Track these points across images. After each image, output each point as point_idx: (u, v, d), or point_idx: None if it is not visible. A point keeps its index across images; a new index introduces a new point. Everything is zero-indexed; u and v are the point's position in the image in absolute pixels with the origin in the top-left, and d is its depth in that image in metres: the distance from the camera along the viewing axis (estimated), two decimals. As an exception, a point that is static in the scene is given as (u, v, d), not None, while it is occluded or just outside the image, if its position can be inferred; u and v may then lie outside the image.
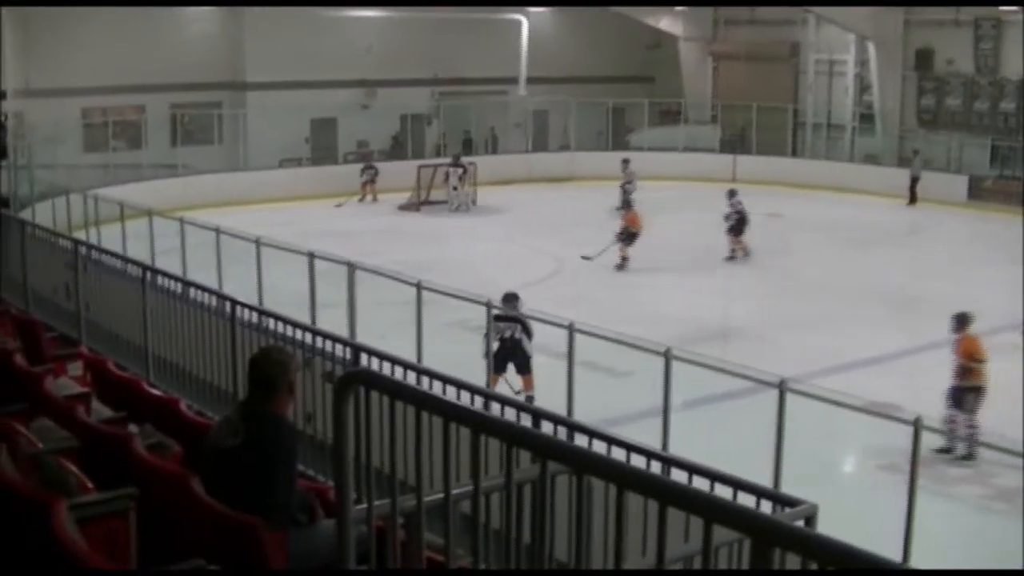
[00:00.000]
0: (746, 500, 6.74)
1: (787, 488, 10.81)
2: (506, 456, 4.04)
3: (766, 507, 6.71)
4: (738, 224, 31.86)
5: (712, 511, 3.28)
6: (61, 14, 37.84)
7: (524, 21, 48.98)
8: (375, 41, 45.28)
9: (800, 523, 5.98)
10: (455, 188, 39.14)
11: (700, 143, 48.57)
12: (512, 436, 3.97)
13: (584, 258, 29.90)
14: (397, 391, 4.47)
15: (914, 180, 41.94)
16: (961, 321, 18.10)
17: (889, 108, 46.77)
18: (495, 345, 17.68)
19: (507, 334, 18.18)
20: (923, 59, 46.62)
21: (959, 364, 17.75)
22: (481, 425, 4.03)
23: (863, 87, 48.28)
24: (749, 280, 29.19)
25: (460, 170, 39.39)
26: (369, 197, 40.34)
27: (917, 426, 11.54)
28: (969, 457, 16.88)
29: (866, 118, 47.98)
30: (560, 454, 3.83)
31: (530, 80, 49.24)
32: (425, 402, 4.33)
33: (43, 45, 38.83)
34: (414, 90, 46.74)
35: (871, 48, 46.70)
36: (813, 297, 27.31)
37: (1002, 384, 20.46)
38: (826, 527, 9.15)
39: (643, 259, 29.99)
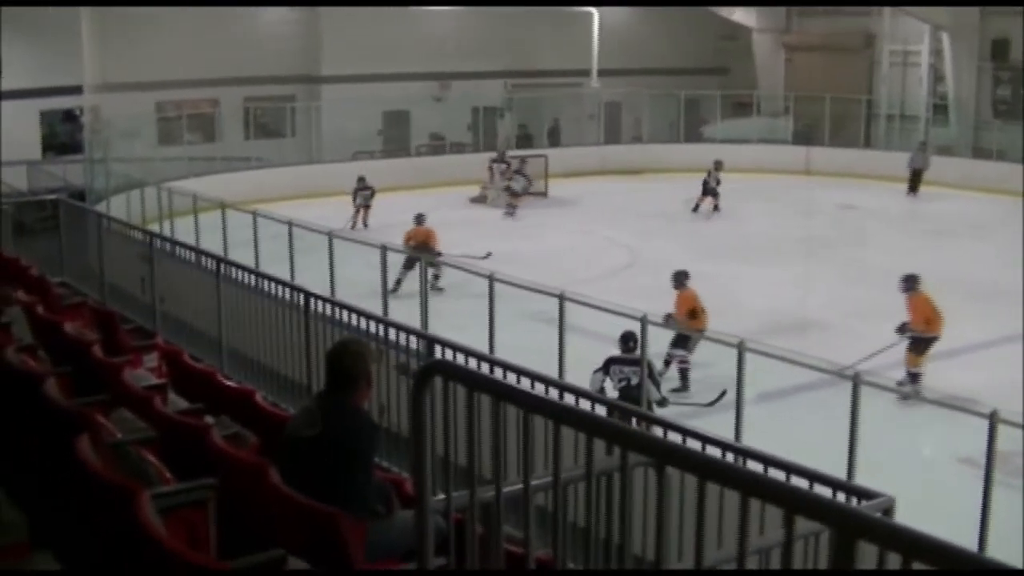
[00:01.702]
0: (822, 492, 6.69)
1: (862, 481, 10.76)
2: (586, 446, 4.05)
3: (842, 499, 6.67)
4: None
5: (794, 502, 3.26)
6: (136, 9, 38.13)
7: (595, 13, 48.85)
8: (449, 34, 45.38)
9: (879, 515, 5.93)
10: (498, 186, 38.67)
11: (773, 135, 48.31)
12: (592, 426, 3.97)
13: None
14: (476, 382, 4.47)
15: (916, 172, 41.46)
16: (909, 282, 20.85)
17: (964, 99, 46.36)
18: (613, 393, 16.36)
19: (632, 381, 16.31)
20: (999, 49, 46.18)
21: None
22: (560, 415, 4.03)
23: (937, 78, 47.86)
24: (826, 271, 28.99)
25: (504, 166, 39.02)
26: (360, 224, 35.47)
27: (993, 419, 11.45)
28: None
29: (940, 109, 47.59)
30: (640, 444, 3.83)
31: (602, 72, 49.08)
32: (503, 393, 4.32)
33: (119, 40, 39.16)
34: (487, 82, 46.77)
35: (946, 38, 46.30)
36: (890, 288, 27.09)
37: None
38: (902, 520, 9.10)
39: (719, 251, 29.89)
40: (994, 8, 45.44)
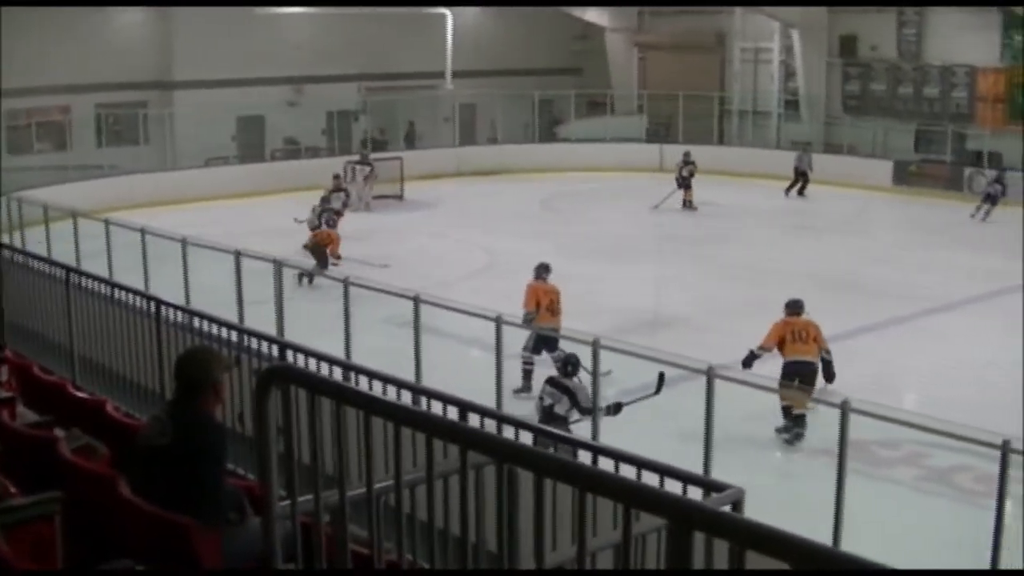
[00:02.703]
0: (674, 486, 6.76)
1: (722, 474, 10.88)
2: (426, 446, 4.06)
3: (694, 493, 6.74)
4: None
5: (629, 496, 3.31)
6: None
7: (448, 14, 48.90)
8: (303, 38, 45.11)
9: (727, 508, 6.01)
10: (361, 186, 38.53)
11: (627, 133, 48.61)
12: (432, 428, 3.99)
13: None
14: (317, 385, 4.47)
15: (801, 173, 41.98)
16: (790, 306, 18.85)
17: (814, 94, 47.15)
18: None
19: (548, 402, 15.45)
20: (847, 45, 47.05)
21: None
22: (402, 417, 4.04)
23: (788, 74, 48.58)
24: (683, 269, 29.31)
25: (367, 168, 38.92)
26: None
27: (844, 408, 11.66)
28: None
29: (792, 105, 48.33)
30: (480, 444, 3.85)
31: (457, 74, 49.15)
32: (345, 396, 4.33)
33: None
34: (342, 86, 46.57)
35: (796, 35, 47.01)
36: (748, 283, 27.44)
37: (935, 368, 20.81)
38: (758, 511, 9.23)
39: (578, 251, 30.07)
40: (842, 5, 46.23)
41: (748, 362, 17.96)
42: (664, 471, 6.98)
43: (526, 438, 8.11)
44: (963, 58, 43.93)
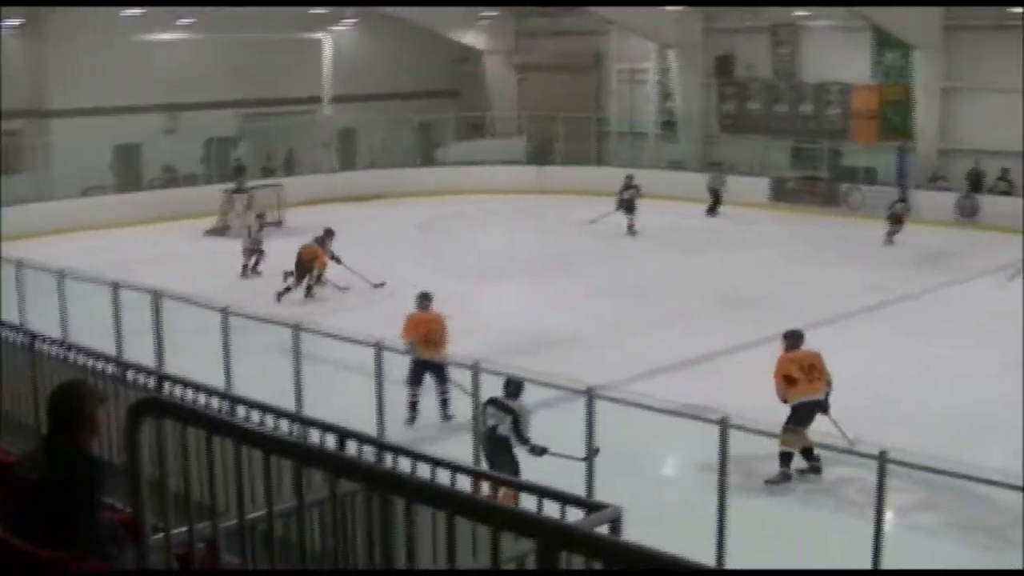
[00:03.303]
0: (552, 508, 6.80)
1: (605, 493, 10.95)
2: (295, 476, 4.06)
3: (574, 513, 6.77)
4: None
5: (497, 518, 3.33)
6: None
7: (327, 40, 48.82)
8: (181, 64, 44.66)
9: (605, 527, 6.05)
10: (239, 214, 38.31)
11: (507, 155, 48.73)
12: (302, 455, 3.99)
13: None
14: (187, 417, 4.45)
15: (714, 192, 42.34)
16: (790, 338, 18.08)
17: (691, 114, 47.59)
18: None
19: (491, 423, 15.17)
20: (723, 65, 47.60)
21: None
22: (272, 446, 4.04)
23: (665, 94, 48.98)
24: (567, 288, 29.38)
25: (246, 196, 38.65)
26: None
27: (723, 425, 11.79)
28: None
29: (669, 124, 48.73)
30: (350, 471, 3.86)
31: (336, 99, 49.08)
32: (215, 426, 4.32)
33: None
34: (220, 112, 46.18)
35: (672, 56, 47.44)
36: (632, 302, 27.61)
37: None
38: (643, 530, 9.30)
39: (462, 272, 30.10)
40: (717, 25, 46.83)
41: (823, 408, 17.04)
42: (543, 493, 7.00)
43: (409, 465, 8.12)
44: (837, 76, 44.66)
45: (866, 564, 11.36)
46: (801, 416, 16.70)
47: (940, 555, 14.09)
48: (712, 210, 41.83)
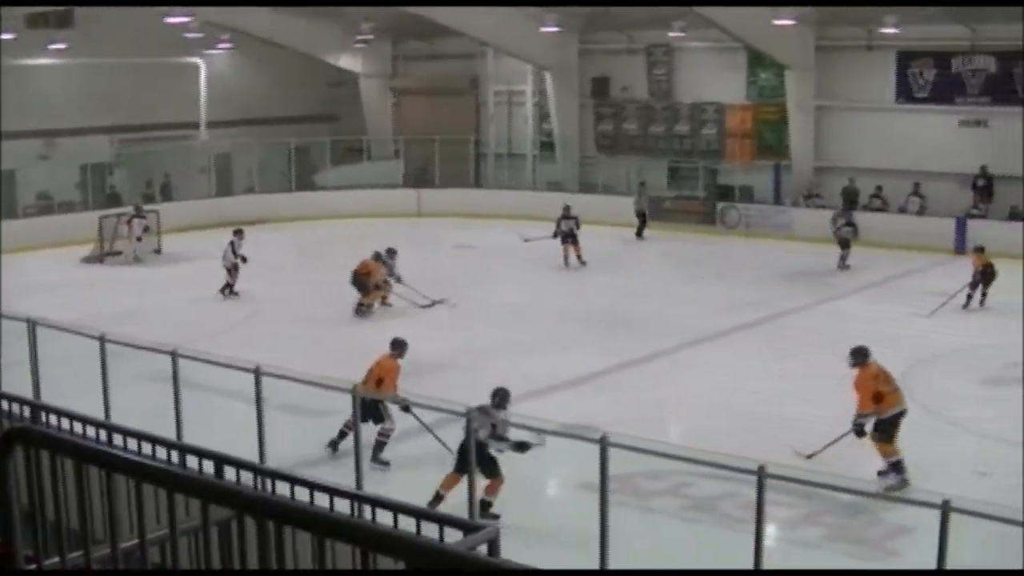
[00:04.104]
0: (431, 530, 6.80)
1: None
2: (168, 500, 4.02)
3: (452, 534, 6.77)
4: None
5: (363, 540, 3.33)
6: None
7: (202, 64, 48.53)
8: (56, 90, 44.10)
9: (483, 547, 6.05)
10: (139, 239, 38.18)
11: (385, 179, 48.70)
12: (172, 482, 3.96)
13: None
14: (57, 446, 4.40)
15: (640, 214, 42.29)
16: (858, 356, 17.94)
17: (568, 135, 47.83)
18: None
19: (479, 434, 15.18)
20: (599, 87, 47.92)
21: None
22: (143, 473, 4.00)
23: (542, 116, 49.22)
24: (449, 311, 29.38)
25: (144, 220, 38.47)
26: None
27: (603, 444, 11.85)
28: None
29: (546, 146, 48.96)
30: (220, 496, 3.83)
31: (212, 124, 48.77)
32: (85, 455, 4.27)
33: None
34: (96, 138, 45.64)
35: (548, 78, 47.65)
36: (510, 324, 27.65)
37: (698, 399, 21.25)
38: (525, 549, 9.32)
39: (339, 298, 30.00)
40: (593, 47, 47.22)
41: (861, 431, 17.31)
42: (420, 515, 7.01)
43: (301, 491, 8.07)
44: (712, 96, 45.19)
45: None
46: (897, 424, 17.13)
47: (821, 568, 14.24)
48: (640, 233, 41.97)
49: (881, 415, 17.20)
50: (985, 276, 29.42)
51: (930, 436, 17.84)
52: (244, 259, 31.08)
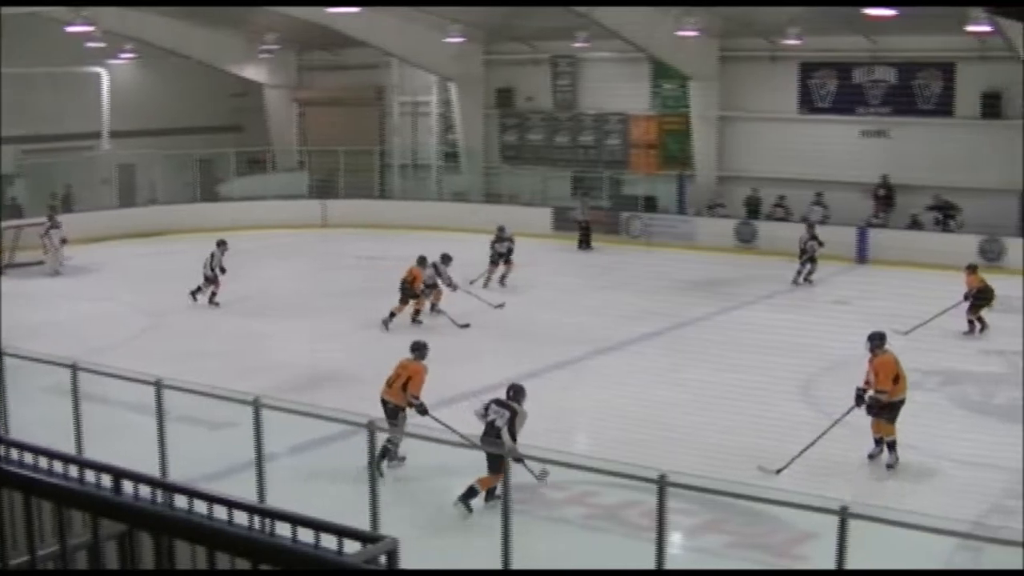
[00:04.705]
0: (330, 541, 6.78)
1: (394, 525, 10.96)
2: (57, 516, 3.98)
3: (351, 545, 6.75)
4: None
5: (252, 552, 3.32)
6: None
7: (104, 74, 48.12)
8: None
9: (383, 558, 6.05)
10: (56, 248, 37.66)
11: (290, 190, 48.54)
12: (62, 496, 3.92)
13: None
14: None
15: (581, 224, 42.26)
16: (877, 340, 19.15)
17: (473, 146, 47.93)
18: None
19: (491, 418, 16.53)
20: (504, 97, 48.08)
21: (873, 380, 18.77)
22: (32, 488, 3.97)
23: (447, 127, 49.28)
24: (350, 323, 29.28)
25: (60, 230, 37.93)
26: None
27: (507, 455, 11.89)
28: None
29: (451, 156, 49.02)
30: (110, 512, 3.80)
31: (115, 134, 48.31)
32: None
33: None
34: (-1, 149, 45.11)
35: (453, 88, 47.71)
36: (415, 334, 27.57)
37: (602, 408, 21.32)
38: (427, 559, 9.33)
39: (246, 309, 29.87)
40: (498, 57, 47.34)
41: (875, 405, 18.58)
42: (319, 527, 6.98)
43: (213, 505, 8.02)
44: (616, 107, 45.47)
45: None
46: (899, 409, 18.59)
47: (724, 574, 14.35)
48: (583, 243, 41.99)
49: (893, 397, 18.48)
50: (980, 298, 28.21)
51: (832, 442, 17.99)
52: (223, 270, 31.06)
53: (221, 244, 31.94)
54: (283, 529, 7.20)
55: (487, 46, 47.45)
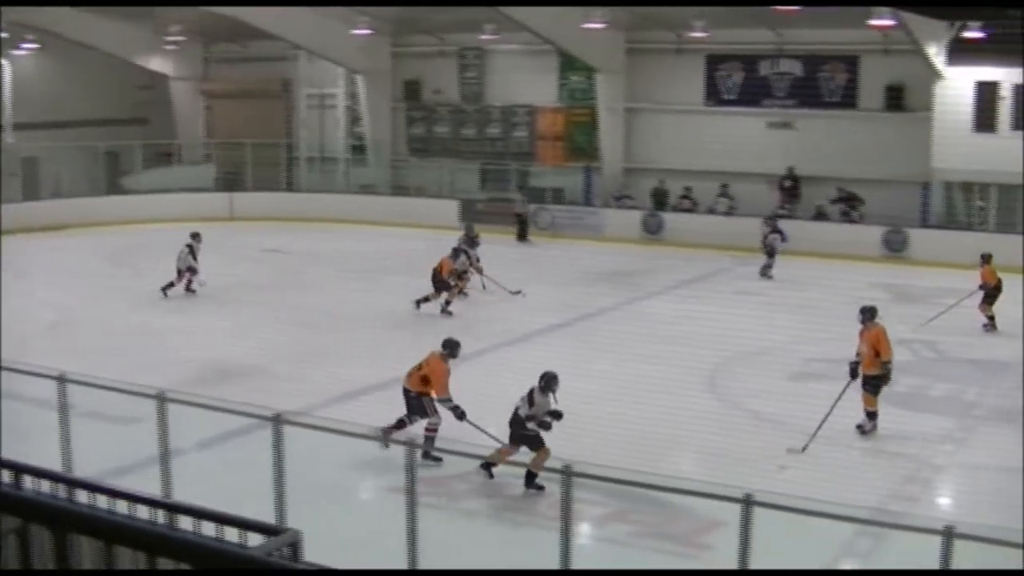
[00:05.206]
0: (232, 534, 6.76)
1: (298, 518, 10.94)
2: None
3: (255, 538, 6.74)
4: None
5: (150, 545, 3.32)
6: None
7: (6, 65, 47.54)
8: None
9: (285, 550, 6.04)
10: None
11: (196, 183, 48.18)
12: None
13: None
14: None
15: (519, 216, 42.29)
16: (869, 313, 20.00)
17: (380, 139, 47.85)
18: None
19: (520, 411, 17.08)
20: (411, 90, 48.08)
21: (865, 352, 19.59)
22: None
23: (354, 119, 49.15)
24: (257, 316, 29.12)
25: None
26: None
27: (409, 446, 11.91)
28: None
29: (359, 149, 48.89)
30: (6, 505, 3.79)
31: (19, 126, 47.71)
32: None
33: None
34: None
35: (360, 81, 47.61)
36: (321, 328, 27.51)
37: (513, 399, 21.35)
38: (332, 552, 9.32)
39: (151, 304, 29.67)
40: (405, 50, 47.32)
41: (888, 376, 19.68)
42: (223, 520, 6.96)
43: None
44: (524, 99, 45.54)
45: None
46: (885, 381, 19.63)
47: (629, 564, 14.42)
48: (521, 236, 42.03)
49: (881, 370, 19.48)
50: (994, 291, 27.89)
51: (735, 431, 18.16)
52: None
53: (195, 236, 31.73)
54: (186, 523, 7.18)
55: (395, 38, 47.41)
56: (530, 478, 16.52)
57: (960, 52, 36.47)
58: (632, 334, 26.78)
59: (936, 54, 36.60)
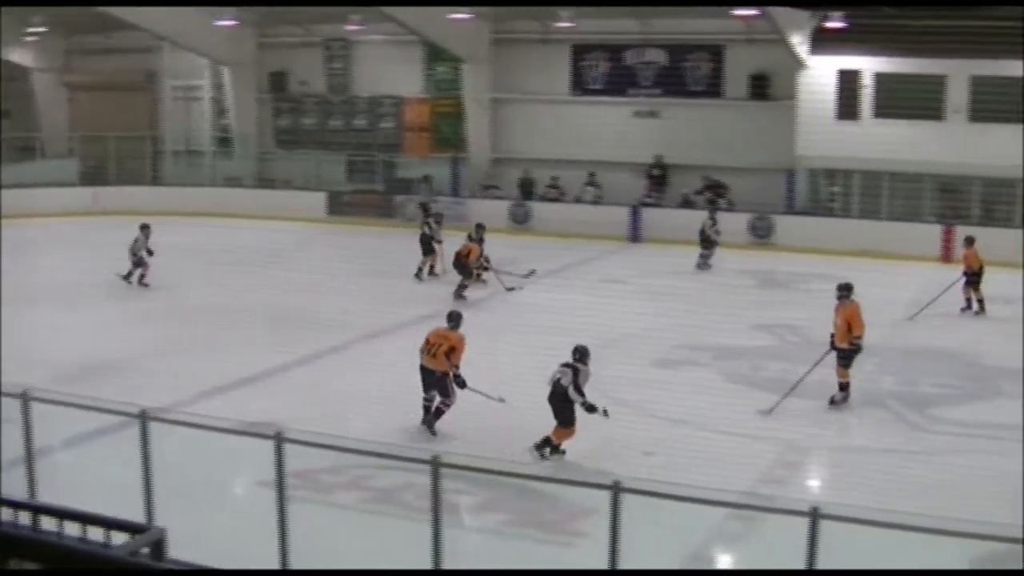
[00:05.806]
0: (97, 533, 6.73)
1: (169, 516, 10.90)
2: None
3: (120, 538, 6.71)
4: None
5: (10, 547, 3.32)
6: None
7: None
8: None
9: (146, 549, 6.03)
10: None
11: (59, 177, 47.44)
12: None
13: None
14: None
15: (423, 205, 41.18)
16: (845, 290, 20.92)
17: (246, 131, 47.58)
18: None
19: (557, 377, 17.94)
20: (277, 81, 47.92)
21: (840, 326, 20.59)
22: None
23: (220, 111, 48.81)
24: (123, 313, 28.83)
25: None
26: None
27: (278, 440, 11.90)
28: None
29: (225, 142, 48.56)
30: None
31: None
32: None
33: None
34: None
35: (226, 73, 47.34)
36: (189, 322, 27.31)
37: (375, 393, 21.35)
38: (201, 548, 9.31)
39: (15, 300, 29.25)
40: (272, 41, 47.15)
41: (858, 350, 20.80)
42: (87, 519, 6.93)
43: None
44: (390, 90, 45.58)
45: (428, 567, 11.66)
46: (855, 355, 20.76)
47: (499, 553, 14.52)
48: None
49: (852, 344, 20.54)
50: (977, 274, 28.02)
51: (602, 419, 18.29)
52: (150, 252, 31.38)
53: (145, 228, 31.53)
54: (49, 523, 7.13)
55: (260, 29, 47.18)
56: (546, 443, 17.71)
57: (822, 41, 37.09)
58: (499, 325, 26.87)
59: (799, 43, 37.17)
